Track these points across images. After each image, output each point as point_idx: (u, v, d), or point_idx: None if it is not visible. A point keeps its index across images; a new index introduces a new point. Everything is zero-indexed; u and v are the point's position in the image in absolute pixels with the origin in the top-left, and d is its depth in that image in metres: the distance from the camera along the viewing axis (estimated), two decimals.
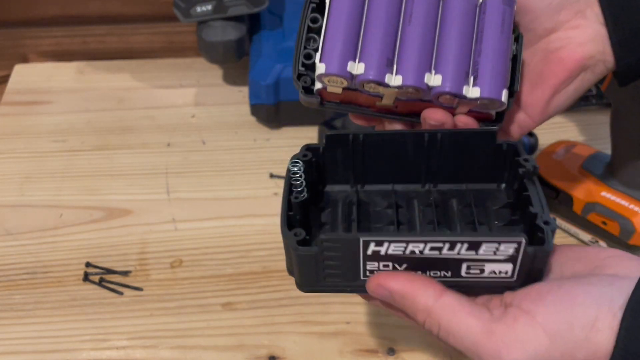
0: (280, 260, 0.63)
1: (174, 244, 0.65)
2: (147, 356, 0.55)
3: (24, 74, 0.88)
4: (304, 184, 0.40)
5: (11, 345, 0.56)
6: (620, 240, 0.60)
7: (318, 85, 0.43)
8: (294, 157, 0.42)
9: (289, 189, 0.40)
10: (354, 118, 0.47)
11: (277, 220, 0.66)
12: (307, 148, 0.42)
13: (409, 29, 0.42)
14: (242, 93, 0.85)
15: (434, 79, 0.42)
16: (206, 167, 0.74)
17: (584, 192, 0.62)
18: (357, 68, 0.42)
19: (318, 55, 0.42)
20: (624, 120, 0.59)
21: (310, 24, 0.43)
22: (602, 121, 0.79)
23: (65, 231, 0.66)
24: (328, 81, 0.42)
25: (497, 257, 0.37)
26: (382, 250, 0.37)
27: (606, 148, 0.64)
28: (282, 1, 0.85)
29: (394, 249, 0.37)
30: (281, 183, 0.72)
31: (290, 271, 0.41)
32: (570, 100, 0.46)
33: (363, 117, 0.47)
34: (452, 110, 0.44)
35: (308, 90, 0.44)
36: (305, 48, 0.43)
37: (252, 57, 0.78)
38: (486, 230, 0.41)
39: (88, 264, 0.62)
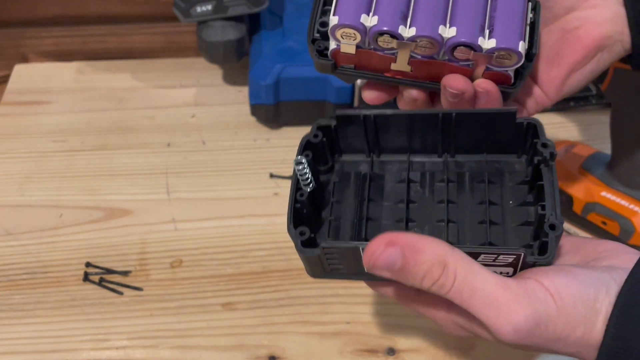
0: (280, 260, 0.63)
1: (174, 244, 0.65)
2: (147, 356, 0.55)
3: (24, 74, 0.88)
4: (311, 177, 0.40)
5: (11, 345, 0.56)
6: (620, 240, 0.60)
7: (332, 45, 0.43)
8: (303, 142, 0.41)
9: (296, 185, 0.40)
10: (368, 89, 0.46)
11: (277, 220, 0.67)
12: (318, 127, 0.41)
13: None
14: (242, 93, 0.85)
15: (448, 31, 0.41)
16: (206, 167, 0.74)
17: (583, 192, 0.62)
18: (370, 20, 0.41)
19: (332, 10, 0.42)
20: (624, 120, 0.59)
21: None
22: (602, 121, 0.79)
23: (65, 231, 0.66)
24: (341, 35, 0.41)
25: (496, 263, 0.37)
26: None
27: (606, 148, 0.64)
28: (282, 1, 0.85)
29: None
30: (281, 183, 0.72)
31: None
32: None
33: (378, 85, 0.45)
34: (469, 72, 0.42)
35: (322, 54, 0.43)
36: (321, 17, 0.43)
37: (252, 57, 0.78)
38: (498, 212, 0.40)
39: (88, 264, 0.62)
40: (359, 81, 0.74)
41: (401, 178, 0.43)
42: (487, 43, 0.41)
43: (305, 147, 0.42)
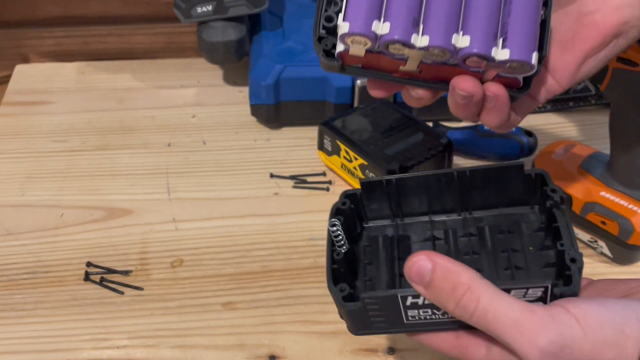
0: (280, 260, 0.63)
1: (174, 243, 0.65)
2: (148, 355, 0.55)
3: (25, 74, 0.88)
4: (344, 238, 0.41)
5: (12, 344, 0.56)
6: (619, 239, 0.60)
7: (340, 48, 0.42)
8: (334, 214, 0.42)
9: (331, 245, 0.41)
10: (373, 87, 0.45)
11: (277, 220, 0.67)
12: (346, 195, 0.43)
13: None
14: (242, 93, 0.85)
15: (461, 40, 0.40)
16: (207, 167, 0.74)
17: (583, 192, 0.62)
18: (382, 28, 0.39)
19: (341, 15, 0.40)
20: (623, 120, 0.59)
21: None
22: (601, 121, 0.79)
23: (66, 231, 0.66)
24: (351, 42, 0.40)
25: (526, 298, 0.38)
26: (420, 301, 0.38)
27: (605, 148, 0.64)
28: (282, 2, 0.85)
29: None
30: (281, 183, 0.72)
31: (342, 317, 0.43)
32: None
33: (383, 85, 0.45)
34: (479, 76, 0.42)
35: (329, 53, 0.42)
36: (326, 10, 0.41)
37: (252, 57, 0.78)
38: (521, 258, 0.42)
39: (89, 264, 0.63)
40: (359, 81, 0.74)
41: (426, 237, 0.44)
42: (501, 54, 0.40)
43: (336, 213, 0.43)
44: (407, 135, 0.68)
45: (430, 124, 0.74)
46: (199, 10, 0.76)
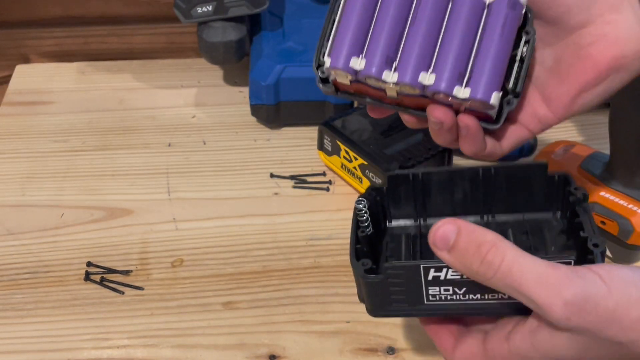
0: (280, 260, 0.63)
1: (174, 243, 0.65)
2: (148, 355, 0.55)
3: (25, 75, 0.88)
4: (369, 219, 0.43)
5: (12, 344, 0.56)
6: (619, 239, 0.60)
7: (332, 76, 0.45)
8: (361, 196, 0.44)
9: (356, 224, 0.43)
10: (369, 109, 0.48)
11: (277, 220, 0.67)
12: (372, 189, 0.44)
13: (412, 28, 0.43)
14: (242, 93, 0.85)
15: (428, 78, 0.42)
16: (207, 167, 0.74)
17: None
18: (359, 64, 0.43)
19: (327, 48, 0.44)
20: (623, 120, 0.59)
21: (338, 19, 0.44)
22: (600, 121, 0.79)
23: (67, 231, 0.66)
24: (335, 73, 0.44)
25: None
26: (442, 275, 0.39)
27: (605, 148, 0.64)
28: (282, 2, 0.85)
29: (452, 273, 0.39)
30: (281, 183, 0.72)
31: (361, 299, 0.44)
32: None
33: (376, 108, 0.47)
34: (454, 106, 0.44)
35: (325, 80, 0.46)
36: (328, 40, 0.44)
37: (252, 57, 0.78)
38: (542, 255, 0.42)
39: (89, 264, 0.63)
40: None
41: None
42: (463, 92, 0.42)
43: (362, 196, 0.44)
44: (407, 135, 0.68)
45: None
46: (199, 10, 0.76)
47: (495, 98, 0.42)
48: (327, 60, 0.43)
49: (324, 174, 0.73)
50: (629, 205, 0.60)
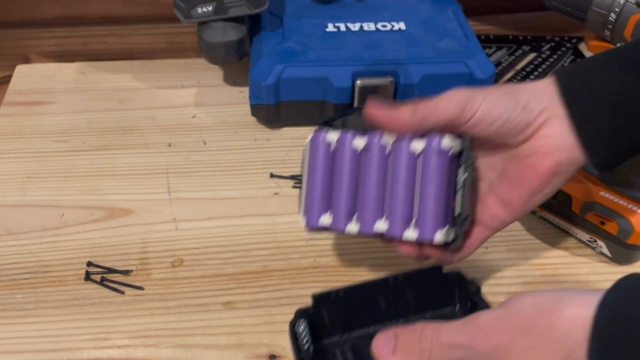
0: (280, 260, 0.63)
1: (174, 243, 0.65)
2: (148, 355, 0.56)
3: (25, 75, 0.89)
4: (310, 339, 0.48)
5: (13, 344, 0.56)
6: (619, 239, 0.60)
7: None
8: (297, 317, 0.49)
9: (297, 347, 0.48)
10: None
11: (277, 220, 0.67)
12: (300, 312, 0.49)
13: (363, 184, 0.50)
14: (242, 93, 0.85)
15: (382, 225, 0.49)
16: (207, 167, 0.74)
17: (582, 191, 0.62)
18: (328, 220, 0.51)
19: (301, 207, 0.52)
20: None
21: None
22: None
23: (67, 231, 0.66)
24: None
25: None
26: None
27: None
28: (282, 2, 0.85)
29: None
30: (281, 183, 0.72)
31: None
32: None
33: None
34: None
35: None
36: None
37: (252, 57, 0.79)
38: None
39: (89, 264, 0.63)
40: (359, 81, 0.74)
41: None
42: (412, 234, 0.48)
43: (300, 315, 0.50)
44: None
45: None
46: (199, 10, 0.76)
47: (439, 236, 0.47)
48: (302, 220, 0.51)
49: None
50: (628, 205, 0.60)
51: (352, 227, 0.50)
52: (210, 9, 0.76)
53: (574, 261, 0.64)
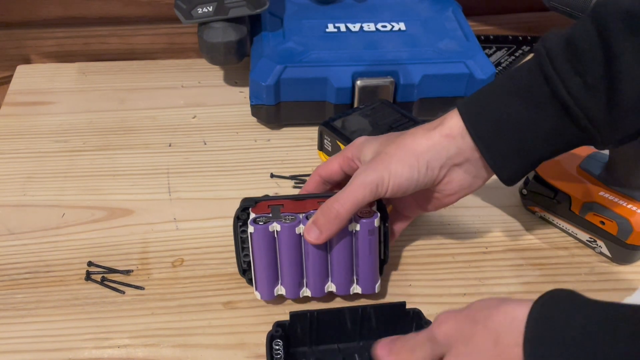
0: None
1: (175, 243, 0.65)
2: (149, 355, 0.56)
3: (26, 75, 0.89)
4: (283, 352, 0.53)
5: (13, 344, 0.56)
6: (618, 239, 0.60)
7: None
8: (274, 330, 0.53)
9: (272, 356, 0.52)
10: None
11: None
12: (278, 324, 0.54)
13: (308, 259, 0.56)
14: (242, 94, 0.85)
15: (331, 287, 0.58)
16: (207, 167, 0.74)
17: (582, 191, 0.62)
18: (281, 290, 0.58)
19: (254, 283, 0.58)
20: None
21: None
22: None
23: (67, 231, 0.66)
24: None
25: None
26: None
27: None
28: (282, 2, 0.85)
29: None
30: (282, 183, 0.72)
31: None
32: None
33: None
34: None
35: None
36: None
37: (252, 58, 0.79)
38: None
39: (90, 263, 0.63)
40: (359, 81, 0.74)
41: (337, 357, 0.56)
42: (356, 289, 0.58)
43: (272, 338, 0.53)
44: None
45: None
46: (200, 11, 0.76)
47: (377, 287, 0.58)
48: (257, 294, 0.58)
49: None
50: (628, 205, 0.60)
51: (305, 292, 0.58)
52: (210, 9, 0.76)
53: (573, 261, 0.64)
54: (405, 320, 0.56)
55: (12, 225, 0.67)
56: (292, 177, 0.73)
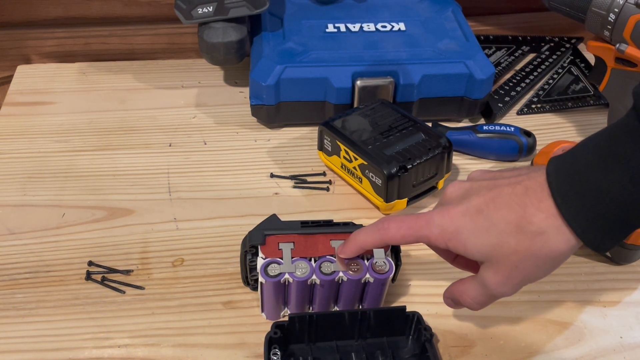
0: None
1: (175, 243, 0.65)
2: (149, 354, 0.56)
3: (26, 75, 0.89)
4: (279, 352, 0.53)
5: (14, 343, 0.56)
6: None
7: None
8: (273, 332, 0.54)
9: (269, 356, 0.53)
10: None
11: None
12: (276, 325, 0.54)
13: (316, 295, 0.56)
14: (243, 94, 0.86)
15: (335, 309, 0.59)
16: (207, 167, 0.74)
17: None
18: (286, 310, 0.59)
19: (260, 306, 0.58)
20: None
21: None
22: (599, 121, 0.79)
23: (68, 230, 0.67)
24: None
25: None
26: None
27: None
28: (282, 3, 0.85)
29: None
30: (281, 183, 0.72)
31: None
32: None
33: None
34: None
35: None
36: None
37: (252, 58, 0.79)
38: None
39: (90, 263, 0.63)
40: (359, 81, 0.75)
41: (334, 357, 0.56)
42: None
43: (270, 342, 0.54)
44: (407, 135, 0.68)
45: (430, 124, 0.74)
46: (200, 11, 0.76)
47: None
48: (264, 315, 0.59)
49: (324, 174, 0.73)
50: None
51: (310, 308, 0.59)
52: (210, 9, 0.76)
53: (574, 261, 0.64)
54: (405, 321, 0.56)
55: (12, 225, 0.67)
56: (292, 177, 0.73)
